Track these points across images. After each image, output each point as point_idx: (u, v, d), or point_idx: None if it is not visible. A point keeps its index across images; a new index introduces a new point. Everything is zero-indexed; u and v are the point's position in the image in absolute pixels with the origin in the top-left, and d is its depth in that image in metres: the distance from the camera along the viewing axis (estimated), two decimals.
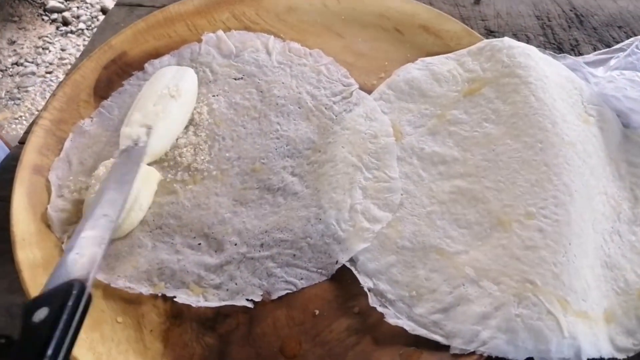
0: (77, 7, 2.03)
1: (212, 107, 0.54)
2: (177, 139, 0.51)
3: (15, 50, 1.85)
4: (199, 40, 0.60)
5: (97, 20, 1.99)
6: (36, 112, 1.67)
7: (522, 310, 0.40)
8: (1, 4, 1.93)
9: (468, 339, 0.40)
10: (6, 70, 1.78)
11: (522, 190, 0.47)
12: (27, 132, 0.56)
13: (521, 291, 0.41)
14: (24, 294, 0.41)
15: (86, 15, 2.01)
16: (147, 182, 0.46)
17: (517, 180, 0.48)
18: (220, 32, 0.60)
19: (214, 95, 0.55)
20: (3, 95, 1.70)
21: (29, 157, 0.49)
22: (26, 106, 1.69)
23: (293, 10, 0.64)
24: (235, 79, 0.57)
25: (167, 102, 0.50)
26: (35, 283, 0.41)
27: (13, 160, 0.54)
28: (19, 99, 1.71)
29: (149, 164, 0.49)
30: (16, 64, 1.80)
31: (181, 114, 0.51)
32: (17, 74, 1.77)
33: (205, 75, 0.57)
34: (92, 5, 2.05)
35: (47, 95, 1.75)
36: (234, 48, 0.59)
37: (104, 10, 2.04)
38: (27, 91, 1.73)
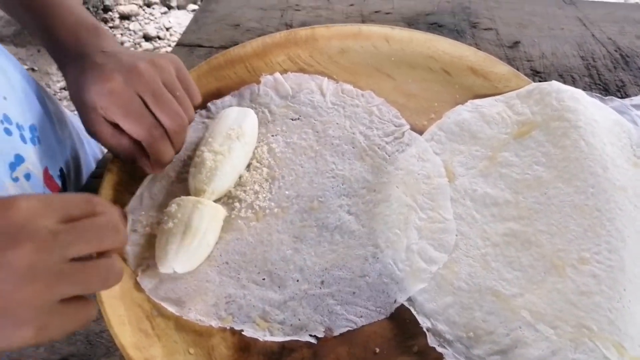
0: (121, 34, 2.13)
1: (272, 147, 0.57)
2: (240, 177, 0.54)
3: None
4: (258, 82, 0.63)
5: (140, 47, 2.07)
6: None
7: (579, 355, 0.42)
8: None
9: None
10: (55, 94, 1.87)
11: (575, 235, 0.48)
12: (99, 167, 0.60)
13: (578, 336, 0.42)
14: (103, 324, 0.44)
15: (129, 42, 2.10)
16: (214, 219, 0.49)
17: (570, 224, 0.49)
18: (277, 75, 0.63)
19: (272, 135, 0.58)
20: None
21: (105, 192, 0.52)
22: None
23: (345, 52, 0.67)
24: (292, 120, 0.60)
25: (231, 142, 0.53)
26: (114, 313, 0.44)
27: (86, 192, 0.58)
28: None
29: (215, 201, 0.52)
30: (64, 88, 1.89)
31: (244, 154, 0.54)
32: (65, 98, 1.85)
33: (264, 116, 0.60)
34: (135, 32, 2.14)
35: None
36: (290, 89, 0.62)
37: (146, 37, 2.13)
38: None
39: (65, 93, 1.88)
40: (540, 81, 0.67)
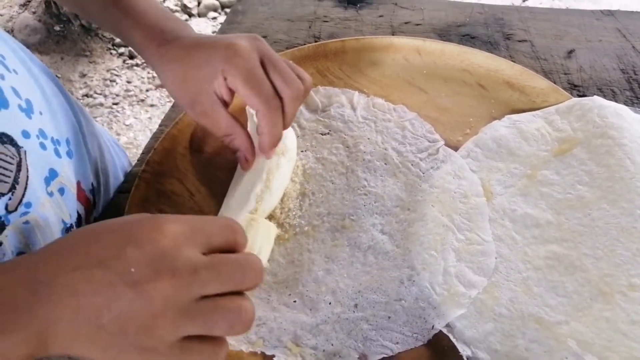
0: None
1: (301, 162, 0.56)
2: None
3: (85, 82, 1.96)
4: None
5: None
6: None
7: None
8: (75, 40, 2.06)
9: None
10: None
11: (623, 259, 0.46)
12: (126, 181, 0.60)
13: None
14: None
15: None
16: (267, 237, 0.46)
17: (617, 248, 0.47)
18: None
19: (302, 151, 0.57)
20: None
21: (132, 209, 0.51)
22: None
23: (376, 65, 0.65)
24: (322, 134, 0.58)
25: (278, 159, 0.51)
26: None
27: (113, 207, 0.57)
28: None
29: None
30: (86, 95, 1.91)
31: (289, 170, 0.53)
32: (87, 105, 1.87)
33: (294, 131, 0.59)
34: None
35: (114, 125, 1.84)
36: (320, 103, 0.61)
37: None
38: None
39: (88, 100, 1.90)
40: (578, 95, 0.64)
